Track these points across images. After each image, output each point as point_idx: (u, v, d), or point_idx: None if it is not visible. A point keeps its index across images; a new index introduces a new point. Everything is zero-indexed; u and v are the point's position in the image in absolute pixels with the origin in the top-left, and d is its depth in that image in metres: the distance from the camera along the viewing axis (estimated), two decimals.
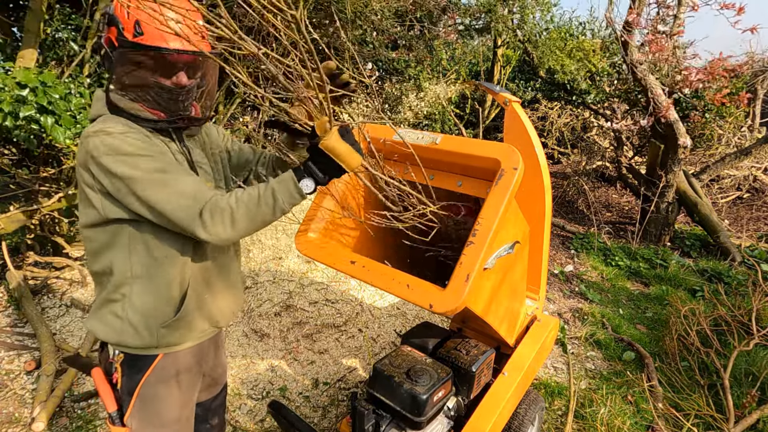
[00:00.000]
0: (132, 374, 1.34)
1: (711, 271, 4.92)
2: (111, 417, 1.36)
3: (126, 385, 1.35)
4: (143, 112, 1.26)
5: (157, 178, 1.19)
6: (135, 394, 1.34)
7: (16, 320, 3.11)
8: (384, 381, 1.70)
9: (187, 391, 1.45)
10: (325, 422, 2.61)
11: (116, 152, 1.17)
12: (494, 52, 7.90)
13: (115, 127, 1.20)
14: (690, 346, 3.32)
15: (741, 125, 7.60)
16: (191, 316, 1.36)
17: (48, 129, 2.71)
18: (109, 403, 1.36)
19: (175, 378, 1.39)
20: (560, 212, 7.50)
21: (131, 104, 1.24)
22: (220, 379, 1.69)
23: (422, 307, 1.43)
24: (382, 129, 1.88)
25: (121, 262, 1.27)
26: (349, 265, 1.65)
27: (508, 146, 1.53)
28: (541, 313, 2.28)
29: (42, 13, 3.27)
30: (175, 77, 1.25)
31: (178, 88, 1.26)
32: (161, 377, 1.36)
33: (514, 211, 1.65)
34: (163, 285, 1.29)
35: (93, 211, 1.24)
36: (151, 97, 1.24)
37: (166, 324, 1.31)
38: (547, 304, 4.23)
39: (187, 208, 1.19)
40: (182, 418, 1.44)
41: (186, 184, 1.21)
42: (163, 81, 1.24)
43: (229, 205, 1.21)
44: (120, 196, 1.20)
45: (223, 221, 1.20)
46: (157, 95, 1.24)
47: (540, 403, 2.27)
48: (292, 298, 3.32)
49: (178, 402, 1.42)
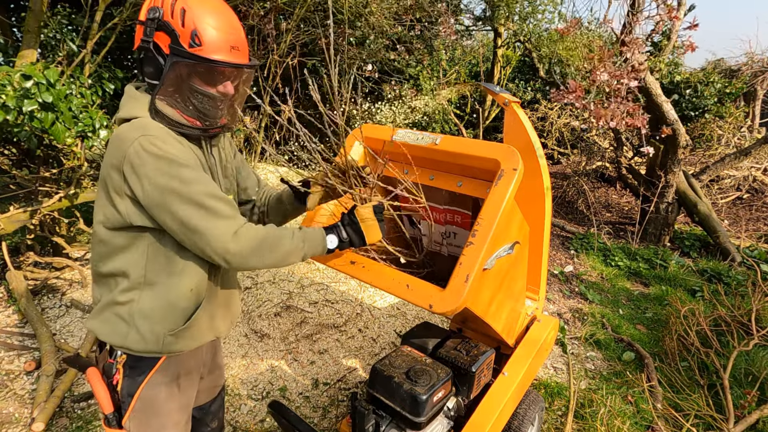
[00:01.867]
0: (134, 375, 1.34)
1: (711, 271, 4.92)
2: (107, 419, 1.34)
3: (127, 386, 1.34)
4: (181, 119, 1.28)
5: (196, 195, 1.19)
6: (136, 396, 1.33)
7: (16, 320, 3.11)
8: (384, 381, 1.70)
9: (186, 394, 1.45)
10: (325, 422, 2.61)
11: (160, 162, 1.17)
12: (494, 53, 7.91)
13: (159, 134, 1.21)
14: (690, 346, 3.32)
15: (741, 125, 7.60)
16: (199, 327, 1.36)
17: (47, 124, 2.71)
18: (105, 404, 1.34)
19: (176, 381, 1.40)
20: (560, 212, 7.50)
21: (172, 110, 1.26)
22: (218, 381, 1.69)
23: (422, 307, 1.43)
24: (382, 129, 1.88)
25: (134, 268, 1.26)
26: (349, 265, 1.65)
27: (508, 147, 1.53)
28: (541, 314, 2.28)
29: (42, 13, 3.27)
30: (223, 86, 1.29)
31: (223, 96, 1.29)
32: (163, 380, 1.36)
33: (514, 211, 1.65)
34: (176, 295, 1.29)
35: (115, 213, 1.22)
36: (194, 105, 1.27)
37: (174, 332, 1.30)
38: (547, 304, 4.23)
39: (224, 227, 1.21)
40: (181, 422, 1.44)
41: (223, 204, 1.24)
42: (210, 89, 1.27)
43: (260, 234, 1.26)
44: (151, 206, 1.18)
45: (252, 247, 1.24)
46: (200, 103, 1.27)
47: (540, 403, 2.27)
48: (292, 298, 3.32)
49: (178, 405, 1.42)
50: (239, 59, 1.27)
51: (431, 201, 2.05)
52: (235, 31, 1.27)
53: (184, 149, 1.25)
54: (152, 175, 1.16)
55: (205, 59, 1.21)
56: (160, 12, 1.21)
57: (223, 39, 1.23)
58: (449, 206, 2.03)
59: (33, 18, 3.23)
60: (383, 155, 1.60)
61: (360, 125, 1.74)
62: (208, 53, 1.21)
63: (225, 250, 1.20)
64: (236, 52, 1.26)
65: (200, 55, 1.21)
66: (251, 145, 5.98)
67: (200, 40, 1.20)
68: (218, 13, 1.24)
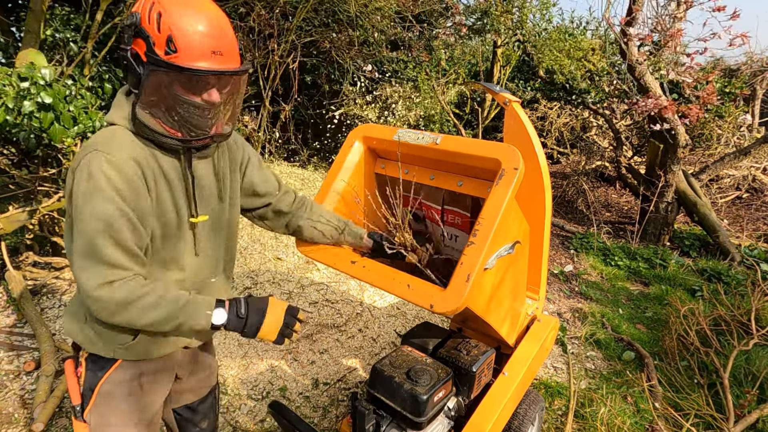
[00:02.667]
0: (95, 370, 1.33)
1: (710, 270, 4.93)
2: (74, 410, 1.35)
3: (88, 380, 1.34)
4: (161, 129, 1.20)
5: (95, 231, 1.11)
6: (96, 391, 1.33)
7: (15, 320, 3.11)
8: (384, 381, 1.70)
9: (149, 395, 1.40)
10: (325, 422, 2.61)
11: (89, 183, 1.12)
12: (494, 52, 7.91)
13: (115, 153, 1.15)
14: (689, 345, 3.32)
15: (740, 125, 7.61)
16: (154, 342, 1.32)
17: (46, 124, 2.71)
18: (74, 396, 1.35)
19: (138, 380, 1.37)
20: (560, 212, 7.50)
21: (153, 121, 1.19)
22: (206, 382, 1.63)
23: (422, 307, 1.43)
24: (382, 129, 1.88)
25: None
26: (349, 265, 1.65)
27: (509, 146, 1.53)
28: (541, 313, 2.28)
29: (42, 13, 3.27)
30: (207, 95, 1.18)
31: (208, 105, 1.19)
32: (123, 378, 1.34)
33: (514, 211, 1.65)
34: None
35: (69, 217, 1.22)
36: (178, 115, 1.18)
37: (124, 346, 1.29)
38: (547, 304, 4.23)
39: (101, 272, 1.12)
40: (143, 420, 1.40)
41: (117, 252, 1.14)
42: (194, 98, 1.17)
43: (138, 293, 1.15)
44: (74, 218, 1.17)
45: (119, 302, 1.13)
46: (185, 112, 1.18)
47: (540, 402, 2.27)
48: (291, 298, 3.32)
49: (139, 404, 1.38)
50: (222, 65, 1.16)
51: (431, 201, 2.05)
52: (217, 34, 1.15)
53: (127, 179, 1.15)
54: (78, 191, 1.13)
55: (181, 68, 1.11)
56: (138, 17, 1.13)
57: (202, 43, 1.13)
58: (448, 206, 2.03)
59: (33, 18, 3.23)
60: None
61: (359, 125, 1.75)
62: (185, 61, 1.11)
63: (89, 294, 1.13)
64: (219, 58, 1.15)
65: (175, 64, 1.11)
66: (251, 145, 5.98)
67: (176, 46, 1.11)
68: (198, 15, 1.13)
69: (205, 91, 1.18)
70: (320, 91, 6.58)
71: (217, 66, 1.15)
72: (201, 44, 1.13)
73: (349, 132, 1.97)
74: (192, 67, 1.12)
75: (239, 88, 1.27)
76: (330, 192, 1.86)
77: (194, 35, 1.12)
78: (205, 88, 1.17)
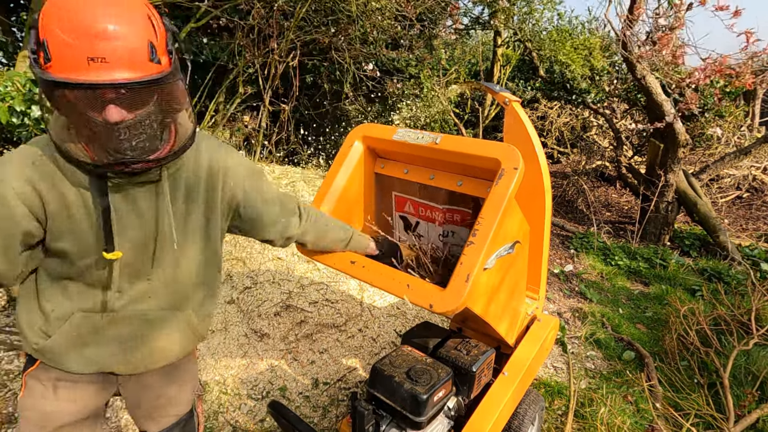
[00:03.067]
0: (27, 362, 1.35)
1: (710, 270, 4.92)
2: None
3: (23, 368, 1.37)
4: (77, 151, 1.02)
5: None
6: (23, 381, 1.35)
7: (15, 320, 3.11)
8: (384, 381, 1.70)
9: (63, 403, 1.31)
10: (325, 422, 2.61)
11: None
12: (494, 52, 7.91)
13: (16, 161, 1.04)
14: (690, 345, 3.32)
15: (740, 125, 7.61)
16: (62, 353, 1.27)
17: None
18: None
19: (52, 383, 1.31)
20: (560, 212, 7.50)
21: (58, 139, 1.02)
22: (165, 411, 1.47)
23: (422, 307, 1.43)
24: (382, 129, 1.88)
25: None
26: (349, 265, 1.65)
27: (509, 146, 1.53)
28: (541, 313, 2.28)
29: None
30: (105, 112, 0.95)
31: (111, 124, 0.96)
32: (40, 376, 1.32)
33: (514, 210, 1.65)
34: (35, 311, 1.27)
35: None
36: (85, 137, 1.00)
37: (37, 348, 1.28)
38: (547, 303, 4.23)
39: None
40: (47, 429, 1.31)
41: None
42: (96, 116, 0.96)
43: None
44: None
45: None
46: (91, 132, 0.97)
47: (540, 402, 2.27)
48: (291, 298, 3.32)
49: (52, 408, 1.31)
50: (104, 74, 0.91)
51: (431, 201, 2.05)
52: (99, 34, 0.90)
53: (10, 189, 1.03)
54: None
55: (53, 82, 0.90)
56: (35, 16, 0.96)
57: (75, 49, 0.89)
58: (449, 205, 2.03)
59: (33, 18, 3.23)
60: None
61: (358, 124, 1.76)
62: (57, 71, 0.90)
63: None
64: (99, 66, 0.90)
65: (47, 76, 0.90)
66: (251, 145, 5.98)
67: (50, 53, 0.90)
68: (76, 11, 0.90)
69: (99, 108, 0.95)
70: (320, 91, 6.59)
71: (95, 77, 0.91)
72: (74, 50, 0.90)
73: (349, 131, 1.97)
74: (63, 79, 0.90)
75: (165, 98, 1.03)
76: (329, 192, 1.86)
77: (68, 38, 0.89)
78: (94, 105, 0.94)
